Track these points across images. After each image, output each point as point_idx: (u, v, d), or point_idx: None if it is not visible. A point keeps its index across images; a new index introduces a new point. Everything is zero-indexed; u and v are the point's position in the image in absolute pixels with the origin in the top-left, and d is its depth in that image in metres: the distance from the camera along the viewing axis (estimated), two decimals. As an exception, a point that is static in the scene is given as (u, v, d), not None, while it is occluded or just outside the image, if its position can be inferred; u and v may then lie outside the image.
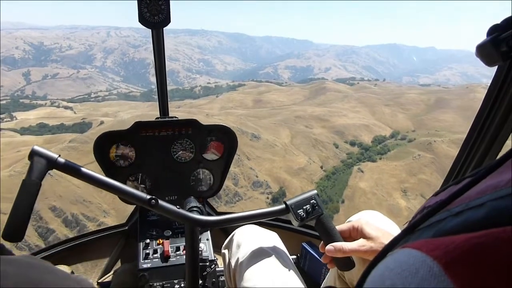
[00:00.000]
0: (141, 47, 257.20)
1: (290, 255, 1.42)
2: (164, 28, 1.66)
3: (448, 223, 0.38)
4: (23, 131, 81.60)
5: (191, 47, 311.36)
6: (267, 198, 54.71)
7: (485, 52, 0.58)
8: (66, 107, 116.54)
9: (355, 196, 56.40)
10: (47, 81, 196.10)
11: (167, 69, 1.89)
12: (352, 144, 73.81)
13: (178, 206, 1.17)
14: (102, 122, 76.00)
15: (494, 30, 0.58)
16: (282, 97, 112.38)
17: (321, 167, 65.63)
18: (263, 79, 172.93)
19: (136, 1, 1.52)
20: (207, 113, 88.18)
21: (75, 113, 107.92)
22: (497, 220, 0.33)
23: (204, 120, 1.89)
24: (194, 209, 1.21)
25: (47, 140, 61.38)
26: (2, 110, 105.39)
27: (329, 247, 1.10)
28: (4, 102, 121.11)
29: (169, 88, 2.01)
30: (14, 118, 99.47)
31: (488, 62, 0.59)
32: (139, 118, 1.88)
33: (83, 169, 1.08)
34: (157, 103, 1.99)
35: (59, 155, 1.06)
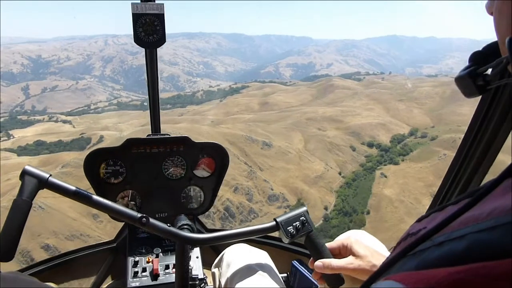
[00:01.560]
0: (139, 53, 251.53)
1: (280, 273, 1.44)
2: None
3: (431, 254, 0.39)
4: (20, 150, 77.46)
5: (190, 50, 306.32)
6: (285, 212, 49.79)
7: (463, 84, 0.58)
8: (64, 121, 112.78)
9: (381, 205, 51.26)
10: (46, 94, 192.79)
11: (167, 74, 1.71)
12: (370, 145, 68.54)
13: (169, 224, 1.15)
14: (101, 138, 71.56)
15: (476, 58, 0.57)
16: (289, 98, 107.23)
17: (340, 173, 60.61)
18: (266, 79, 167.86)
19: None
20: (212, 119, 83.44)
21: (74, 127, 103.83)
22: (477, 254, 0.33)
23: (210, 129, 1.72)
24: (185, 226, 1.19)
25: (42, 161, 56.99)
26: (0, 129, 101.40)
27: (317, 263, 1.13)
28: (2, 119, 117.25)
29: (170, 94, 1.78)
30: (11, 137, 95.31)
31: (466, 94, 0.59)
32: (139, 133, 1.85)
33: (74, 189, 1.09)
34: (152, 116, 2.00)
35: (50, 175, 1.07)
